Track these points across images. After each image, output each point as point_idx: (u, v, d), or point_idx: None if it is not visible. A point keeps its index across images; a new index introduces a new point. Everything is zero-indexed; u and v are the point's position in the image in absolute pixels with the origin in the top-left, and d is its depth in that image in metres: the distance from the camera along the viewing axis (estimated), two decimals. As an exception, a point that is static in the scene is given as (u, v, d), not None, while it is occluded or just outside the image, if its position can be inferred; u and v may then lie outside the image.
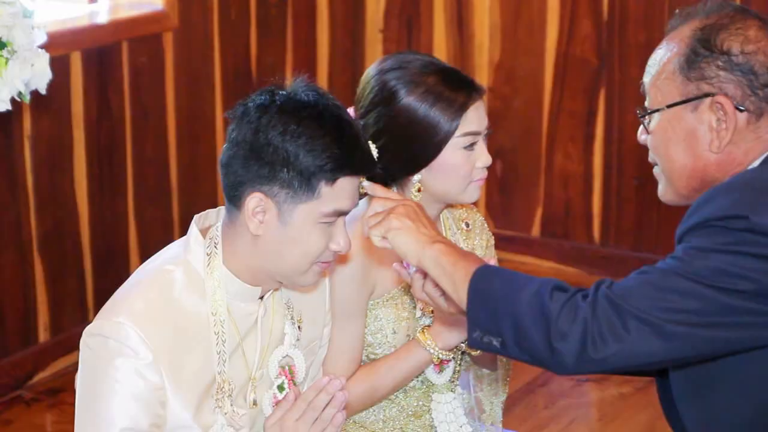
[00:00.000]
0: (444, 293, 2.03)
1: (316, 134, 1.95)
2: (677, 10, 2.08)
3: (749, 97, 1.97)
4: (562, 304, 1.85)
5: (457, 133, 2.30)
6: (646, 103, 2.08)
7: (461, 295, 1.91)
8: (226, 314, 2.02)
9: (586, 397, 3.95)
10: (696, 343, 1.86)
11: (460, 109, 2.29)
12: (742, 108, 1.97)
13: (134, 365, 1.95)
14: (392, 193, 2.13)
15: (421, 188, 2.34)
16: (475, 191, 2.36)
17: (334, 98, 2.03)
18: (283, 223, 1.98)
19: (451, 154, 2.31)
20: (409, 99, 2.29)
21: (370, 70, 2.37)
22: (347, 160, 1.97)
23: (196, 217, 2.09)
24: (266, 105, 1.98)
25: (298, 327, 2.14)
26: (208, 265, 2.02)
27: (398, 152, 2.31)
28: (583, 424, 3.80)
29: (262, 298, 2.09)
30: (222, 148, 2.03)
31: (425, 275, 2.05)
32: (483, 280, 1.90)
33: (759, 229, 1.84)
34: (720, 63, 1.97)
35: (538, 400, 3.90)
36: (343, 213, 2.01)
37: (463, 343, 2.40)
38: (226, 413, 2.03)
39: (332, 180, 1.97)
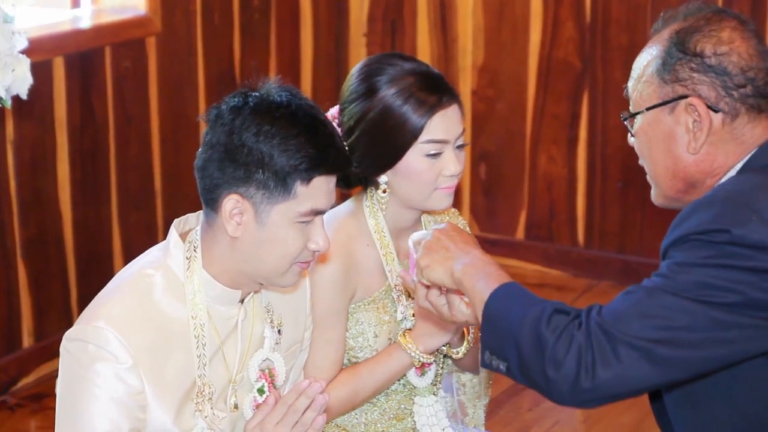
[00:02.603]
0: (447, 302, 2.05)
1: (290, 134, 1.96)
2: (662, 13, 2.10)
3: (723, 98, 1.99)
4: (558, 333, 1.85)
5: (422, 138, 2.30)
6: (630, 107, 2.10)
7: (479, 318, 1.94)
8: (206, 318, 2.02)
9: (571, 400, 3.95)
10: (686, 366, 1.86)
11: (429, 112, 2.30)
12: (716, 109, 1.99)
13: (114, 370, 1.94)
14: (422, 232, 2.12)
15: (387, 190, 2.35)
16: (442, 199, 2.34)
17: (307, 98, 2.03)
18: (261, 224, 1.98)
19: (415, 159, 2.31)
20: (385, 94, 2.30)
21: (357, 66, 2.39)
22: (322, 159, 1.98)
23: (176, 221, 2.09)
24: (239, 107, 1.98)
25: (278, 331, 2.15)
26: (188, 269, 2.02)
27: (366, 149, 2.32)
28: (568, 427, 3.80)
29: (242, 301, 2.09)
30: (197, 152, 2.03)
31: (428, 284, 2.07)
32: (495, 304, 1.91)
33: (741, 242, 1.85)
34: (693, 65, 1.99)
35: (522, 402, 3.90)
36: (319, 212, 2.02)
37: (444, 346, 2.41)
38: (206, 417, 2.02)
39: (307, 179, 1.97)
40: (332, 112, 2.38)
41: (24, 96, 2.92)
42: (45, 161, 3.91)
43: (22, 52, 2.91)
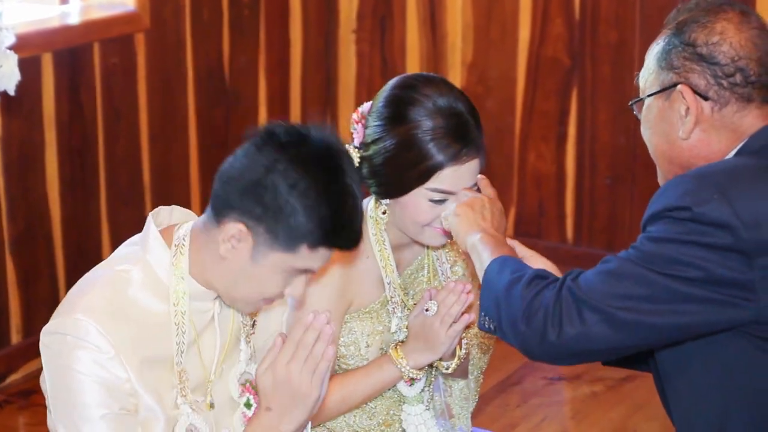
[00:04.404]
0: None
1: (320, 202, 1.94)
2: (678, 5, 2.16)
3: (712, 86, 2.05)
4: (535, 293, 2.00)
5: (428, 185, 2.26)
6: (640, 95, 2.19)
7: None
8: (187, 306, 2.02)
9: (559, 396, 3.97)
10: (645, 331, 1.97)
11: (443, 162, 2.25)
12: (705, 97, 2.05)
13: (94, 357, 1.94)
14: (472, 192, 2.29)
15: (387, 212, 2.34)
16: (434, 237, 2.32)
17: (352, 162, 2.02)
18: (254, 260, 1.97)
19: (417, 199, 2.28)
20: (407, 128, 2.26)
21: (393, 82, 2.34)
22: (337, 237, 1.97)
23: (152, 214, 2.08)
24: (288, 149, 1.95)
25: (253, 323, 2.14)
26: (175, 266, 2.02)
27: (375, 172, 2.30)
28: (555, 423, 3.81)
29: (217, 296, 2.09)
30: (229, 158, 1.99)
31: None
32: (491, 270, 2.10)
33: (701, 219, 1.93)
34: (686, 54, 2.06)
35: (510, 398, 3.91)
36: (311, 272, 2.03)
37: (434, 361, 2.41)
38: (189, 402, 2.02)
39: (315, 247, 1.97)
40: (363, 109, 2.35)
41: (12, 92, 2.92)
42: (33, 157, 3.90)
43: (10, 48, 2.92)
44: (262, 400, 2.02)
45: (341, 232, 1.98)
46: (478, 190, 2.34)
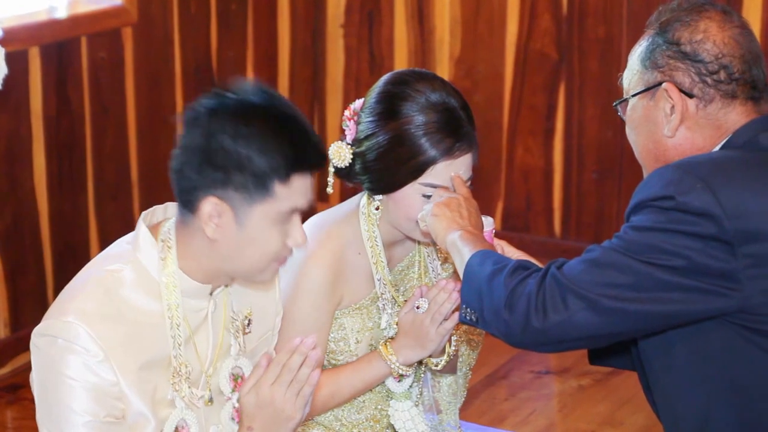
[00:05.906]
0: None
1: (267, 135, 1.95)
2: (659, 7, 2.18)
3: (697, 84, 2.07)
4: (518, 281, 2.01)
5: (422, 180, 2.27)
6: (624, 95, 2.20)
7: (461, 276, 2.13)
8: (179, 299, 2.02)
9: (546, 389, 3.98)
10: (628, 318, 1.98)
11: (436, 157, 2.26)
12: (690, 94, 2.07)
13: (84, 361, 1.94)
14: (449, 191, 2.27)
15: (380, 207, 2.34)
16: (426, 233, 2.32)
17: (282, 96, 2.02)
18: (240, 225, 1.97)
19: (410, 194, 2.29)
20: (400, 123, 2.26)
21: (386, 77, 2.34)
22: (300, 157, 1.97)
23: (143, 214, 2.07)
24: (215, 108, 1.97)
25: (248, 321, 2.14)
26: (163, 267, 2.01)
27: (368, 167, 2.30)
28: (543, 416, 3.82)
29: (212, 293, 2.09)
30: (172, 153, 2.00)
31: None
32: (472, 262, 2.12)
33: (685, 208, 1.95)
34: (670, 53, 2.08)
35: (498, 392, 3.92)
36: (298, 210, 2.02)
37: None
38: (183, 396, 2.02)
39: (286, 179, 1.97)
40: (355, 106, 2.35)
41: (-1, 86, 2.91)
42: (21, 152, 3.90)
43: (-3, 42, 2.91)
44: (245, 419, 2.02)
45: (302, 151, 1.98)
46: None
